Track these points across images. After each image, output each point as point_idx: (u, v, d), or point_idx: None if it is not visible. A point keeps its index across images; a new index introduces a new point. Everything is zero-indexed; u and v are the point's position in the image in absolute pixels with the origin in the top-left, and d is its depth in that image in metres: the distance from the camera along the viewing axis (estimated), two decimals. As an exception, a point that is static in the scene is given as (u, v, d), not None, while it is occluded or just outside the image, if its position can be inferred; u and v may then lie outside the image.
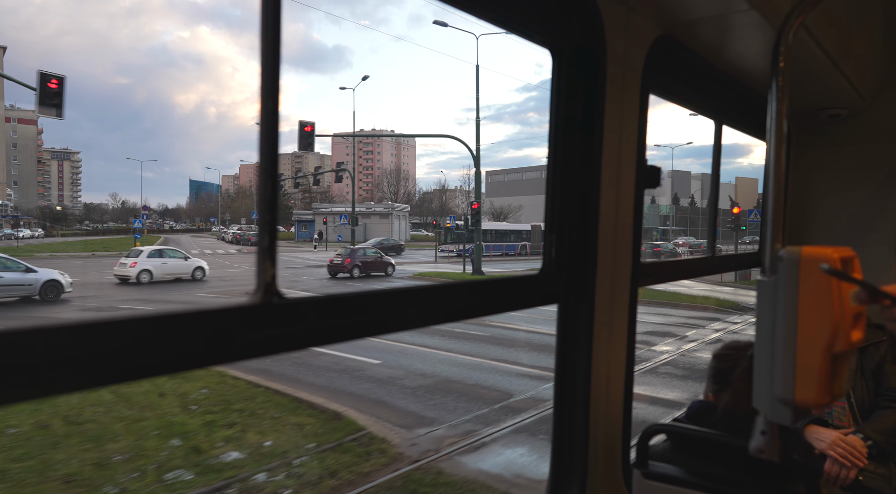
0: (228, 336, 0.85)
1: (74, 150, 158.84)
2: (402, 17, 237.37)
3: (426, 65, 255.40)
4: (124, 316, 0.74)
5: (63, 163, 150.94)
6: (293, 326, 0.94)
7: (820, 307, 1.02)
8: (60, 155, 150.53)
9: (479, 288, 1.36)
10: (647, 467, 1.63)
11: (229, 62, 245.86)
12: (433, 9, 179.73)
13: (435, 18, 25.63)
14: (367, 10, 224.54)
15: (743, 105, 2.40)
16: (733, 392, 1.69)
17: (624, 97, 1.62)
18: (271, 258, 0.90)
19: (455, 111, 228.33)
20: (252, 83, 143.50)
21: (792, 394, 1.03)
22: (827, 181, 3.04)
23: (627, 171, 1.67)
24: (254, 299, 0.88)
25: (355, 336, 1.06)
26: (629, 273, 1.71)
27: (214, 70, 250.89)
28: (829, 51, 1.87)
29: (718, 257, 2.64)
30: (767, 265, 1.08)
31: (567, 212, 1.58)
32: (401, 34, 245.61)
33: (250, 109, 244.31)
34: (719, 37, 1.78)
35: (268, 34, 0.88)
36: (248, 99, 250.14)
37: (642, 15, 1.62)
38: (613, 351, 1.69)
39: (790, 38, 1.07)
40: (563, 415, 1.64)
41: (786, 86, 1.07)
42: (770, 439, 1.10)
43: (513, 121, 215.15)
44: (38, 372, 0.67)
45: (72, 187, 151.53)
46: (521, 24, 1.39)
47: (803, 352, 1.04)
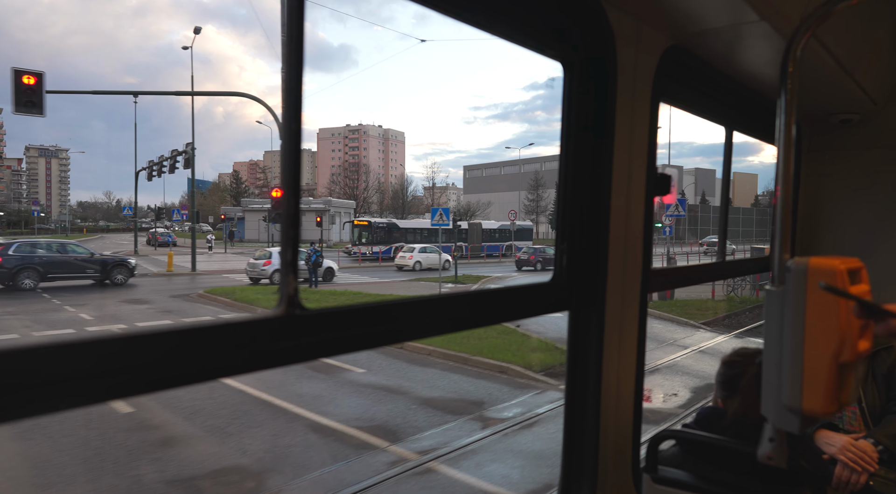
0: (254, 346, 0.89)
1: (63, 148, 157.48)
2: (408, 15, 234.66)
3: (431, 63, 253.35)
4: (155, 328, 0.79)
5: (51, 160, 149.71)
6: (315, 336, 0.97)
7: (827, 318, 1.03)
8: (48, 152, 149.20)
9: (491, 297, 1.38)
10: (657, 472, 1.62)
11: (235, 61, 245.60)
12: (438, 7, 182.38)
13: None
14: (371, 9, 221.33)
15: (753, 111, 2.40)
16: (742, 398, 1.67)
17: (634, 106, 1.63)
18: (294, 271, 0.94)
19: (462, 110, 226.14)
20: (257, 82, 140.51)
21: (799, 403, 1.05)
22: (838, 186, 3.01)
23: (637, 179, 1.68)
24: (277, 311, 0.91)
25: (374, 345, 1.10)
26: (639, 279, 1.72)
27: (221, 69, 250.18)
28: (839, 57, 1.88)
29: (729, 262, 2.64)
30: (776, 274, 1.09)
31: (578, 221, 1.59)
32: (407, 32, 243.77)
33: (257, 109, 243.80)
34: (729, 47, 1.79)
35: (291, 47, 0.89)
36: None
37: (652, 26, 1.63)
38: (623, 357, 1.69)
39: (798, 52, 1.10)
40: (573, 420, 1.65)
41: (793, 98, 1.10)
42: (778, 446, 1.10)
43: (520, 120, 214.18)
44: (82, 382, 0.71)
45: (60, 185, 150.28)
46: (531, 38, 1.41)
47: (811, 362, 1.05)
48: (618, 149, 1.57)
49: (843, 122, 2.71)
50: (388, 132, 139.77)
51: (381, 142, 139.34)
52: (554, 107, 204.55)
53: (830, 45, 1.75)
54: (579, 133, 1.54)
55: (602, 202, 1.57)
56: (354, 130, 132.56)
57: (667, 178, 1.76)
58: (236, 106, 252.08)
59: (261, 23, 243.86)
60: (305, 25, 0.90)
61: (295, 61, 0.89)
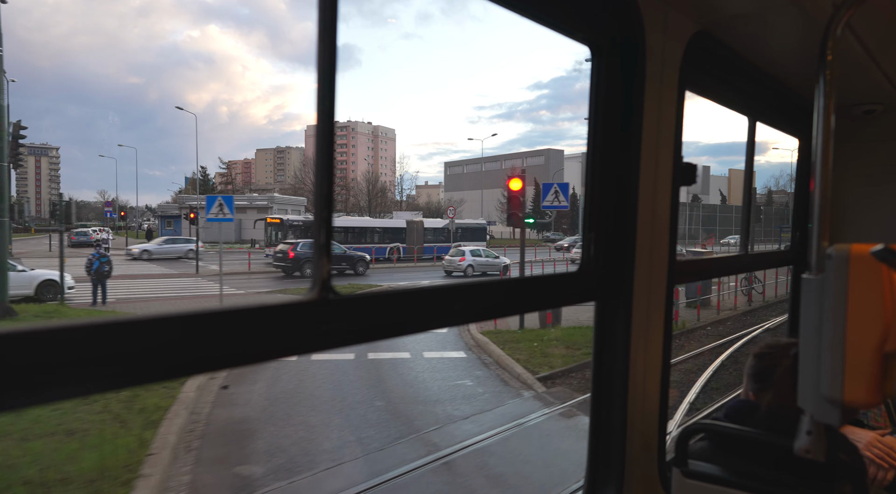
0: (287, 331, 0.87)
1: (53, 146, 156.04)
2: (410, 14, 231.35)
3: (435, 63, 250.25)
4: (190, 311, 0.77)
5: (41, 159, 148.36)
6: (347, 322, 0.95)
7: (871, 305, 1.00)
8: (38, 150, 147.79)
9: (520, 286, 1.38)
10: (687, 466, 1.58)
11: (239, 61, 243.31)
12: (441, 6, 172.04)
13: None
14: (374, 8, 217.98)
15: (778, 102, 2.41)
16: (776, 391, 1.62)
17: (662, 93, 1.61)
18: (328, 255, 0.92)
19: (466, 109, 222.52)
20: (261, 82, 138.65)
21: (841, 394, 1.02)
22: (860, 177, 2.97)
23: (664, 169, 1.66)
24: (310, 295, 0.89)
25: (404, 332, 1.09)
26: (665, 271, 1.70)
27: (225, 69, 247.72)
28: (868, 46, 1.86)
29: (752, 255, 2.64)
30: (814, 263, 1.06)
31: (605, 210, 1.57)
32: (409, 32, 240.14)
33: (261, 108, 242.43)
34: (757, 32, 1.78)
35: (325, 37, 0.90)
36: (259, 97, 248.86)
37: (680, 11, 1.62)
38: (650, 350, 1.68)
39: (839, 32, 1.07)
40: (600, 413, 1.64)
41: (833, 81, 1.06)
42: (816, 439, 1.08)
43: (525, 120, 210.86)
44: (122, 363, 0.71)
45: (50, 184, 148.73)
46: (560, 20, 1.38)
47: (853, 351, 1.02)
48: (646, 137, 1.56)
49: (867, 113, 2.66)
50: (377, 129, 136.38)
51: (371, 139, 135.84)
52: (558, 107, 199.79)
53: (861, 32, 1.74)
54: (607, 120, 1.53)
55: (630, 191, 1.56)
56: (343, 127, 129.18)
57: (692, 168, 1.73)
58: (241, 106, 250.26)
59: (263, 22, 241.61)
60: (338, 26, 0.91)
61: (328, 49, 0.90)
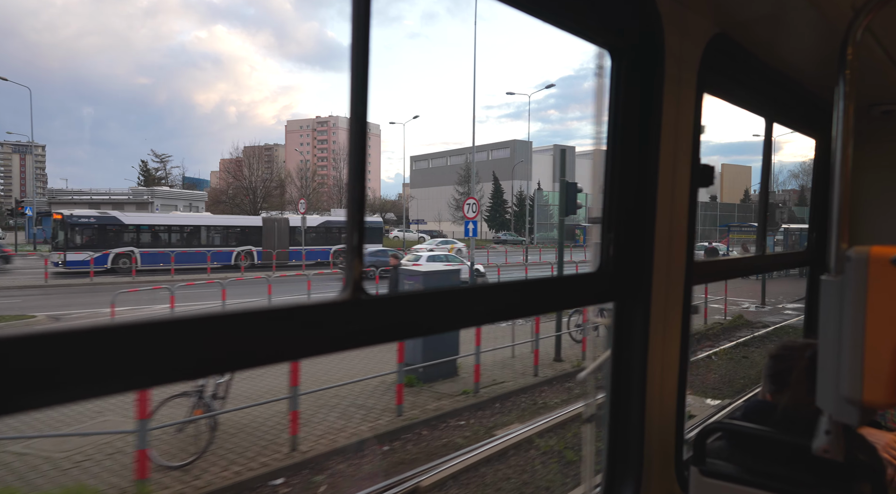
0: (320, 330, 0.88)
1: (39, 144, 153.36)
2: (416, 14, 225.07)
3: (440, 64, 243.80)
4: (222, 312, 0.77)
5: (25, 157, 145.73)
6: (378, 321, 0.96)
7: (890, 306, 1.01)
8: (22, 148, 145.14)
9: (539, 287, 1.38)
10: (705, 464, 1.58)
11: (246, 61, 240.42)
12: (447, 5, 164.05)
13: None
14: (379, 7, 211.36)
15: (794, 102, 2.41)
16: (793, 392, 1.63)
17: (680, 96, 1.61)
18: (359, 256, 0.93)
19: (476, 109, 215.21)
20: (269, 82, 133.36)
21: (860, 394, 1.02)
22: (876, 179, 2.94)
23: (682, 170, 1.66)
24: (343, 295, 0.90)
25: (433, 331, 1.13)
26: (683, 271, 1.71)
27: (232, 69, 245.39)
28: (887, 47, 1.85)
29: (770, 256, 2.68)
30: (833, 264, 1.06)
31: (624, 211, 1.57)
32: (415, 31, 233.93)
33: (270, 108, 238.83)
34: (775, 34, 1.78)
35: (358, 43, 0.91)
36: (268, 97, 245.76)
37: (699, 13, 1.62)
38: (668, 350, 1.68)
39: (858, 36, 1.08)
40: (618, 413, 1.64)
41: (853, 82, 1.07)
42: (835, 438, 1.09)
43: (533, 119, 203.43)
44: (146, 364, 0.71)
45: (37, 182, 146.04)
46: (580, 24, 1.38)
47: (872, 352, 1.02)
48: (664, 139, 1.56)
49: (885, 113, 2.65)
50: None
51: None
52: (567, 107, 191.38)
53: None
54: (626, 122, 1.53)
55: (648, 192, 1.56)
56: (323, 122, 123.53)
57: (710, 169, 1.73)
58: (249, 106, 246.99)
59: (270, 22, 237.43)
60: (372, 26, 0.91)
61: (361, 54, 0.90)
